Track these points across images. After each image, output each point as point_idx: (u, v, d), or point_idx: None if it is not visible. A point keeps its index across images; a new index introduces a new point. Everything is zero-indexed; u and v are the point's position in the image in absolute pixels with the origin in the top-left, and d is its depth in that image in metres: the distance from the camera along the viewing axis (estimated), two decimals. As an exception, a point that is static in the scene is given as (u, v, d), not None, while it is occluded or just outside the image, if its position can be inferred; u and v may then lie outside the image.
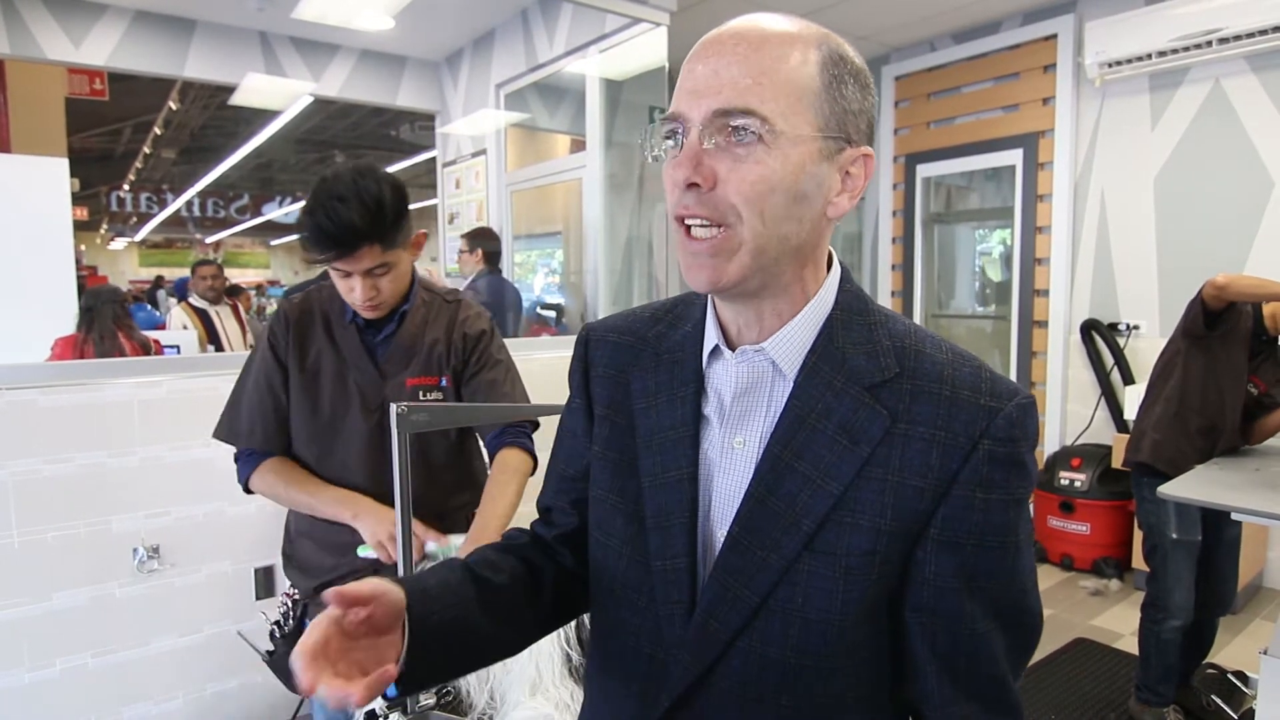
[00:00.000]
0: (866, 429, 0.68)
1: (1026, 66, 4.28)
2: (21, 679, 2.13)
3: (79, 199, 8.44)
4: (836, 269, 0.75)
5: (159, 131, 8.09)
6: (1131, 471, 2.58)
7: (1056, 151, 4.19)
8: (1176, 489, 2.16)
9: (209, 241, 15.42)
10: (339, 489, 1.51)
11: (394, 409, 1.20)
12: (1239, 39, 3.41)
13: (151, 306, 8.09)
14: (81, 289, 3.61)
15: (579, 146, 4.29)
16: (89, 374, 2.22)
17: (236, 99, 4.90)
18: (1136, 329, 3.99)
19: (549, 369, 2.86)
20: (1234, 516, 2.07)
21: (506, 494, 1.50)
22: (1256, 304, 2.46)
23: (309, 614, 1.60)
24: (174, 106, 7.05)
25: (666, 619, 0.73)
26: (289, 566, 1.64)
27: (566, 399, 0.89)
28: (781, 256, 0.68)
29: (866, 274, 5.27)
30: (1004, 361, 4.57)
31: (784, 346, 0.71)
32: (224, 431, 1.57)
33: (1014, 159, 4.39)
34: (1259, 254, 3.57)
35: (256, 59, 4.59)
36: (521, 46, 4.41)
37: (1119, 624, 3.35)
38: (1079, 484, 3.86)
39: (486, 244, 4.01)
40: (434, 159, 5.69)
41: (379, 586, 0.67)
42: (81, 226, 12.05)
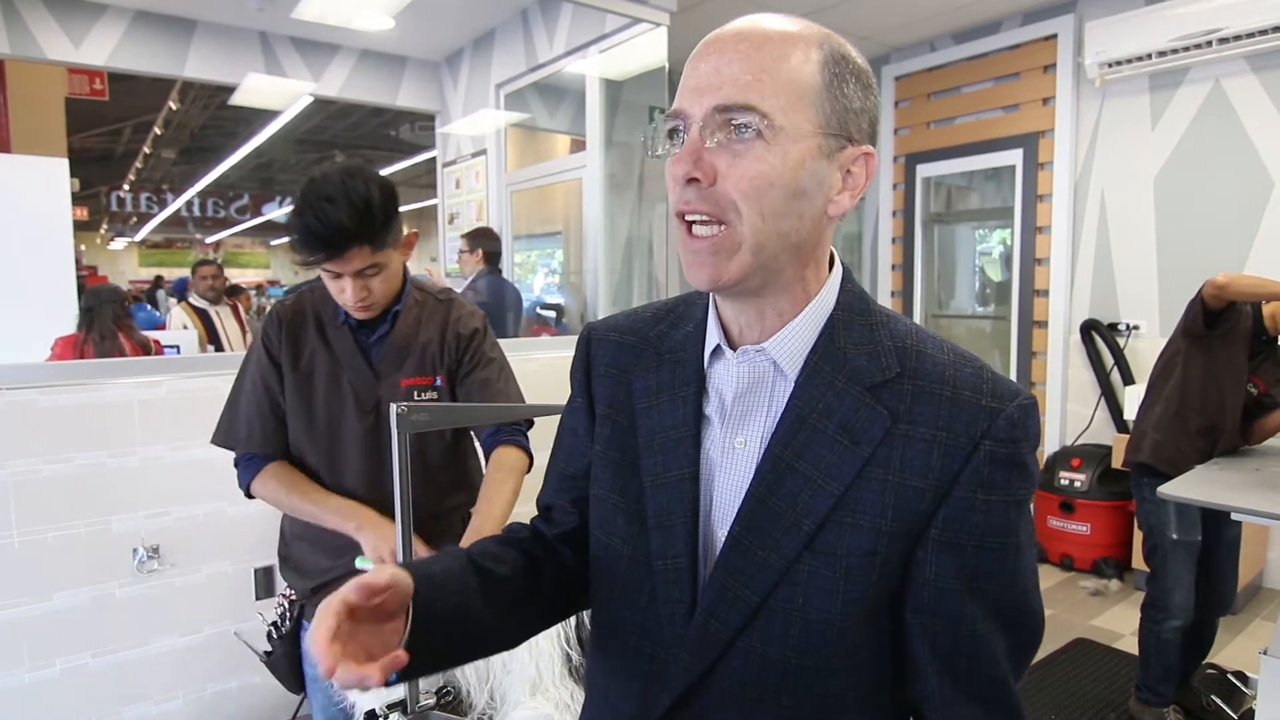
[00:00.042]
0: (867, 429, 0.68)
1: (1026, 66, 4.28)
2: (21, 679, 2.13)
3: (79, 199, 8.42)
4: (838, 269, 0.75)
5: (159, 131, 8.09)
6: (1131, 471, 2.58)
7: (1056, 151, 4.19)
8: (1176, 489, 2.16)
9: (209, 241, 15.39)
10: (342, 499, 1.50)
11: (394, 409, 1.19)
12: (1239, 39, 3.41)
13: (151, 306, 8.08)
14: (81, 289, 3.61)
15: (579, 146, 4.29)
16: (89, 374, 2.21)
17: (236, 99, 4.90)
18: (1136, 329, 3.99)
19: (549, 369, 2.86)
20: (1234, 516, 2.07)
21: (504, 492, 1.50)
22: (1256, 304, 2.47)
23: (306, 615, 1.59)
24: (174, 106, 7.05)
25: (667, 618, 0.73)
26: (285, 568, 1.64)
27: (568, 398, 0.89)
28: (781, 253, 0.68)
29: (866, 274, 5.27)
30: (1004, 362, 4.57)
31: (785, 346, 0.71)
32: (222, 436, 1.56)
33: (1014, 159, 4.39)
34: (1259, 254, 3.57)
35: (256, 59, 4.59)
36: (521, 46, 4.41)
37: (1119, 624, 3.35)
38: (1079, 484, 3.86)
39: (486, 244, 4.01)
40: (434, 159, 5.70)
41: (395, 574, 0.67)
42: (81, 226, 12.04)
